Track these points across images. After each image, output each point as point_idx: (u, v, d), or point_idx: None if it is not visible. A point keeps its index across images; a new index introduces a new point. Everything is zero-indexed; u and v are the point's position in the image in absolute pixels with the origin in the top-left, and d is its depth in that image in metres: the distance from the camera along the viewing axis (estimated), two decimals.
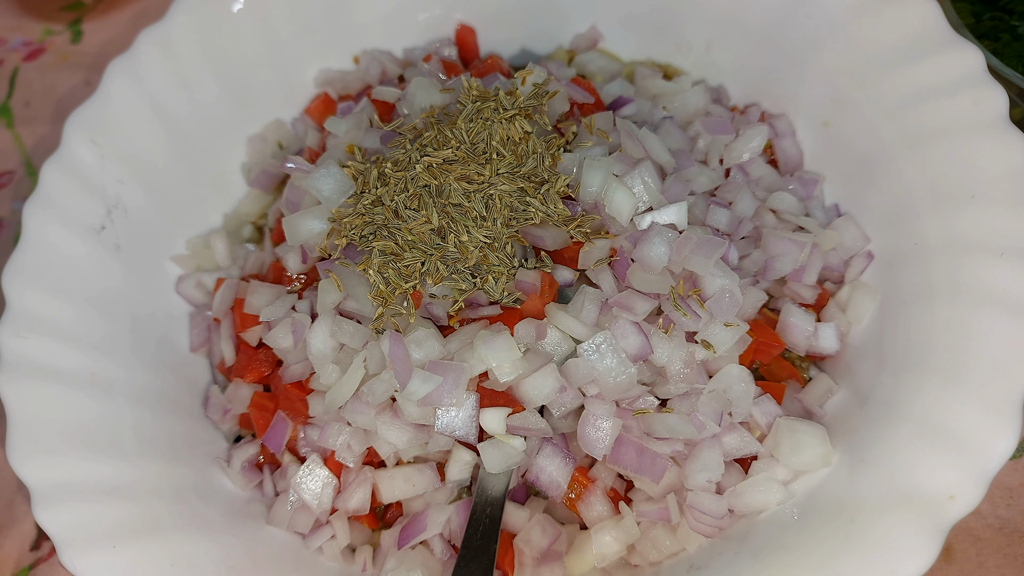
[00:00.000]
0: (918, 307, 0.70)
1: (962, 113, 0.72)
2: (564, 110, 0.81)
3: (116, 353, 0.77)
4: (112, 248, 0.82)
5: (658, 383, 0.69)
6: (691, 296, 0.69)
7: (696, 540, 0.67)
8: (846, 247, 0.79)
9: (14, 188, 1.13)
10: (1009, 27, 0.95)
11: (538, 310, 0.71)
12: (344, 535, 0.72)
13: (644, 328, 0.67)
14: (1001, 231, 0.66)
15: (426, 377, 0.65)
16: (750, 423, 0.70)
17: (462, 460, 0.71)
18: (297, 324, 0.73)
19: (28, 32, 1.32)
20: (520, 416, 0.67)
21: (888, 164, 0.78)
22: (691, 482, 0.66)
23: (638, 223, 0.72)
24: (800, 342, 0.74)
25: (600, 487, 0.70)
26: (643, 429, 0.67)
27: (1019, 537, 0.78)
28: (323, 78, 0.99)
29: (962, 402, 0.61)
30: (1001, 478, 0.81)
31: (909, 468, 0.60)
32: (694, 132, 0.85)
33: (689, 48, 0.97)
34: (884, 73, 0.79)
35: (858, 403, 0.71)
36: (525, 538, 0.70)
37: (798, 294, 0.77)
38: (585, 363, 0.66)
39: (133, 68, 0.86)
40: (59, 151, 0.80)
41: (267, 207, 0.94)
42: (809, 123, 0.88)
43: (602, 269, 0.71)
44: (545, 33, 1.03)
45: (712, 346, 0.68)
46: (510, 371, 0.66)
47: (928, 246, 0.72)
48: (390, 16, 1.00)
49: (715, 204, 0.77)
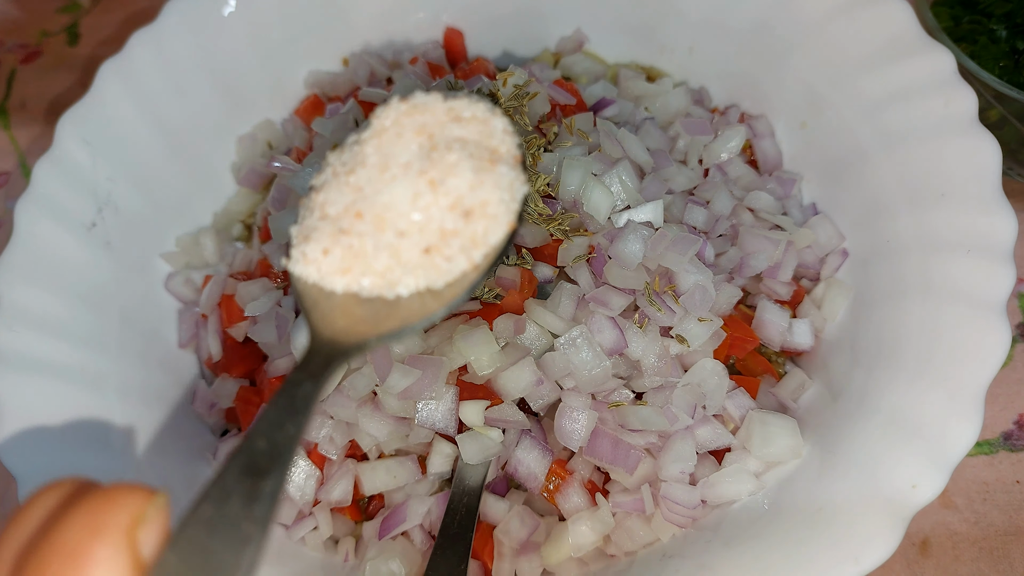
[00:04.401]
0: (890, 303, 0.72)
1: (933, 114, 0.73)
2: (545, 111, 0.83)
3: (105, 348, 0.78)
4: (103, 245, 0.83)
5: (633, 376, 0.71)
6: (666, 292, 0.70)
7: (670, 530, 0.68)
8: (821, 245, 0.81)
9: (9, 188, 1.15)
10: (987, 30, 0.97)
11: (517, 305, 0.72)
12: (327, 526, 0.74)
13: (619, 323, 0.69)
14: (968, 229, 0.67)
15: (406, 371, 0.67)
16: (724, 416, 0.72)
17: (443, 452, 0.72)
18: (281, 319, 0.75)
19: (25, 35, 1.34)
20: (498, 409, 0.69)
21: (863, 164, 0.80)
22: (665, 473, 0.68)
23: (615, 221, 0.74)
24: (775, 338, 0.76)
25: (578, 479, 0.71)
26: (618, 421, 0.68)
27: (994, 531, 0.79)
28: (313, 80, 1.00)
29: (928, 395, 0.62)
30: (977, 473, 0.83)
31: (875, 459, 0.62)
32: (674, 132, 0.87)
33: (672, 51, 0.99)
34: (860, 75, 0.80)
35: (831, 397, 0.73)
36: (504, 529, 0.71)
37: (773, 291, 0.78)
38: (562, 356, 0.68)
39: (125, 69, 0.87)
40: (51, 150, 0.81)
41: (256, 205, 0.96)
42: (788, 124, 0.89)
43: (580, 266, 0.73)
44: (531, 36, 1.05)
45: (686, 340, 0.70)
46: (488, 364, 0.68)
47: (901, 244, 0.73)
48: (379, 19, 1.01)
49: (692, 203, 0.78)
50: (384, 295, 0.44)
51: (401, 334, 0.43)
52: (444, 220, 0.44)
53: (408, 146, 0.45)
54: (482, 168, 0.44)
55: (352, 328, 0.42)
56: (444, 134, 0.45)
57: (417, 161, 0.44)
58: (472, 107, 0.47)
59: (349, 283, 0.44)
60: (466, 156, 0.44)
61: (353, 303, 0.43)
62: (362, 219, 0.43)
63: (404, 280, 0.44)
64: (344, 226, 0.44)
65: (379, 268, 0.43)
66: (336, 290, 0.44)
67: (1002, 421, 0.85)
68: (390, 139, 0.45)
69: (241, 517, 0.30)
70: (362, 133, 0.47)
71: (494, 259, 0.46)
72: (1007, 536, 0.78)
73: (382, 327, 0.43)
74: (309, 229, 0.45)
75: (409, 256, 0.44)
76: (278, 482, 0.32)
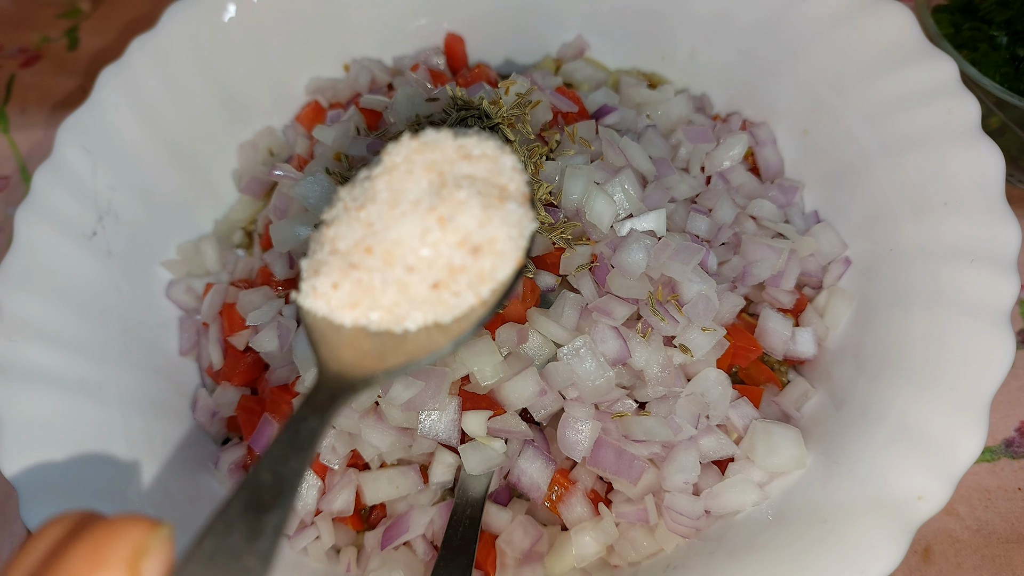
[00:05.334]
0: (893, 312, 0.72)
1: (936, 122, 0.73)
2: (547, 119, 0.82)
3: (106, 357, 0.78)
4: (103, 254, 0.83)
5: (637, 386, 0.71)
6: (669, 301, 0.70)
7: (673, 540, 0.68)
8: (824, 253, 0.81)
9: (9, 193, 1.15)
10: (988, 37, 0.97)
11: (520, 315, 0.72)
12: (329, 536, 0.73)
13: (623, 332, 0.68)
14: (972, 238, 0.67)
15: (409, 383, 0.67)
16: (727, 426, 0.71)
17: (445, 462, 0.72)
18: (283, 328, 0.75)
19: (25, 39, 1.33)
20: (501, 419, 0.68)
21: (866, 171, 0.79)
22: (668, 483, 0.67)
23: (618, 230, 0.74)
24: (778, 346, 0.76)
25: (581, 489, 0.71)
26: (621, 432, 0.68)
27: (996, 539, 0.79)
28: (314, 86, 1.00)
29: (933, 405, 0.62)
30: (979, 480, 0.83)
31: (880, 470, 0.62)
32: (676, 140, 0.87)
33: (674, 57, 0.99)
34: (862, 82, 0.80)
35: (834, 406, 0.73)
36: (507, 539, 0.71)
37: (776, 299, 0.78)
38: (565, 366, 0.67)
39: (125, 76, 0.87)
40: (51, 158, 0.81)
41: (257, 213, 0.95)
42: (790, 131, 0.89)
43: (583, 275, 0.73)
44: (533, 42, 1.05)
45: (689, 350, 0.69)
46: (491, 375, 0.67)
47: (903, 252, 0.73)
48: (380, 25, 1.01)
49: (695, 211, 0.78)
50: (392, 329, 0.44)
51: (407, 369, 0.44)
52: (452, 256, 0.45)
53: (418, 183, 0.45)
54: (491, 205, 0.45)
55: (359, 362, 0.43)
56: (454, 171, 0.46)
57: (427, 198, 0.45)
58: (482, 145, 0.48)
59: (358, 317, 0.44)
60: (475, 193, 0.45)
61: (361, 337, 0.44)
62: (372, 254, 0.44)
63: (412, 315, 0.44)
64: (354, 261, 0.44)
65: (387, 303, 0.44)
66: (345, 324, 0.44)
67: (1004, 428, 0.85)
68: (400, 176, 0.46)
69: (243, 551, 0.30)
70: (373, 169, 0.48)
71: (501, 295, 0.47)
72: (1009, 543, 0.78)
73: (389, 361, 0.43)
74: (319, 263, 0.45)
75: (417, 291, 0.44)
76: (282, 517, 0.32)
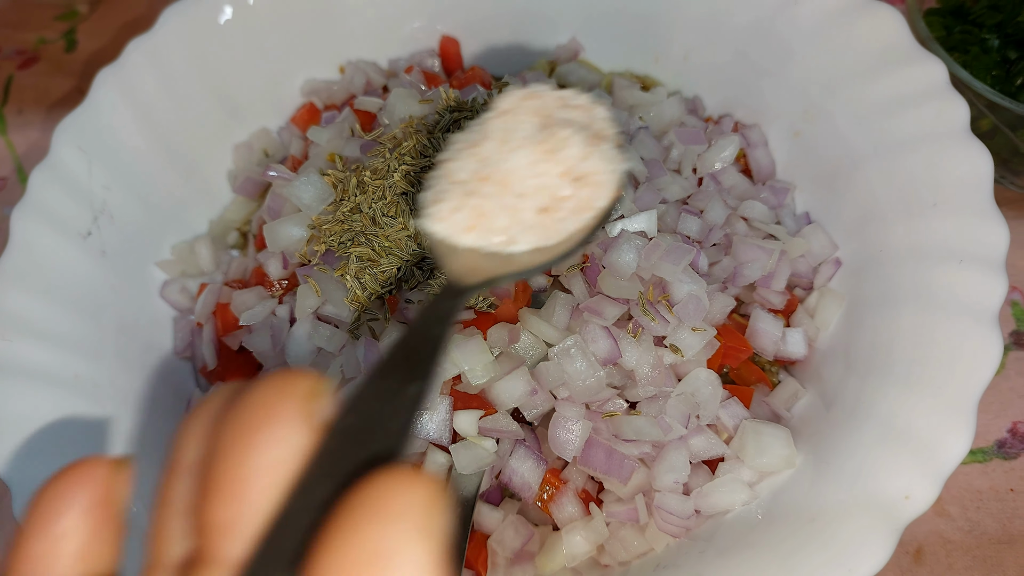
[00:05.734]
0: (883, 312, 0.72)
1: (925, 124, 0.74)
2: None
3: (101, 356, 0.78)
4: (98, 253, 0.83)
5: (627, 386, 0.71)
6: (660, 301, 0.71)
7: (663, 540, 0.68)
8: (814, 254, 0.81)
9: (6, 194, 1.15)
10: (979, 40, 0.97)
11: (512, 315, 0.72)
12: None
13: (613, 332, 0.69)
14: (961, 239, 0.68)
15: None
16: (717, 426, 0.72)
17: (436, 462, 0.72)
18: (276, 329, 0.75)
19: (22, 41, 1.34)
20: (492, 418, 0.69)
21: (856, 173, 0.80)
22: (659, 483, 0.68)
23: (609, 230, 0.74)
24: (768, 347, 0.76)
25: (572, 488, 0.71)
26: (612, 431, 0.69)
27: (988, 540, 0.79)
28: (309, 88, 1.01)
29: (921, 405, 0.63)
30: (971, 481, 0.83)
31: (868, 469, 0.62)
32: (668, 142, 0.87)
33: (667, 59, 1.00)
34: (852, 84, 0.81)
35: (824, 406, 0.73)
36: (498, 539, 0.71)
37: (767, 300, 0.78)
38: (556, 366, 0.68)
39: (121, 77, 0.88)
40: (47, 158, 0.81)
41: (252, 213, 0.96)
42: (781, 133, 0.90)
43: (574, 275, 0.73)
44: (528, 44, 1.05)
45: (680, 350, 0.70)
46: (482, 374, 0.68)
47: (893, 253, 0.74)
48: (376, 27, 1.02)
49: (686, 212, 0.79)
50: (502, 251, 0.50)
51: (520, 276, 0.50)
52: (558, 186, 0.50)
53: (526, 124, 0.52)
54: (590, 143, 0.51)
55: (475, 274, 0.48)
56: (557, 115, 0.52)
57: (535, 134, 0.51)
58: (578, 97, 0.54)
59: (474, 239, 0.49)
60: (577, 131, 0.51)
61: (476, 256, 0.49)
62: (487, 182, 0.50)
63: (521, 238, 0.49)
64: (471, 189, 0.50)
65: (500, 226, 0.49)
66: (462, 244, 0.50)
67: (995, 429, 0.86)
68: (511, 118, 0.52)
69: (399, 392, 0.33)
70: (486, 115, 0.54)
71: (599, 222, 0.52)
72: (1001, 544, 0.78)
73: (500, 271, 0.49)
74: (440, 192, 0.51)
75: (526, 216, 0.49)
76: (431, 366, 0.35)
